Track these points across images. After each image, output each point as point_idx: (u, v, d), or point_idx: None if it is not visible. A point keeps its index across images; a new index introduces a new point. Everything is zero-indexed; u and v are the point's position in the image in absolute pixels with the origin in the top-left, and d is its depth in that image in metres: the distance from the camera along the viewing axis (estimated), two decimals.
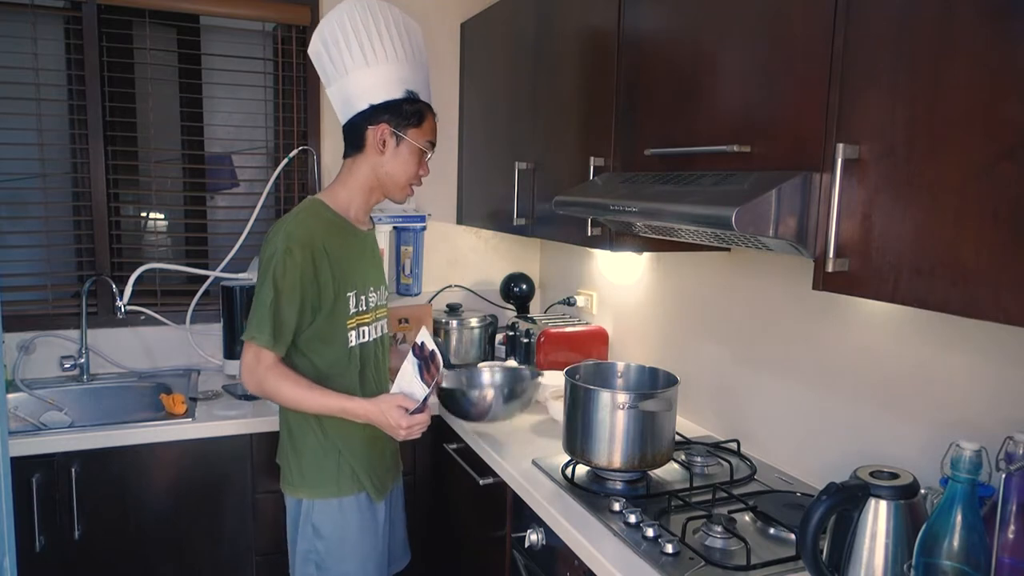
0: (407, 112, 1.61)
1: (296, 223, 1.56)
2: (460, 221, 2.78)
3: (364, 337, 1.66)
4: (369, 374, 1.68)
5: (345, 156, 1.67)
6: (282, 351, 1.55)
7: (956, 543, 0.96)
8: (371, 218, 1.77)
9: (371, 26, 1.61)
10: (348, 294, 1.61)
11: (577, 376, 1.66)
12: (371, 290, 1.69)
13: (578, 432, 1.57)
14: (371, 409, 1.54)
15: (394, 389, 1.58)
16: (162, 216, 2.66)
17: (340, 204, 1.64)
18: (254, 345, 1.52)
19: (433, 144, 1.69)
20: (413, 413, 1.53)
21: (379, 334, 1.73)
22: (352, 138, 1.65)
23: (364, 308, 1.66)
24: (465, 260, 2.85)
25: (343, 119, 1.66)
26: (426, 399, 1.54)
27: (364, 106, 1.61)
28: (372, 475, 1.67)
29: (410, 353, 1.57)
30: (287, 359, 1.58)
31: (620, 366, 1.77)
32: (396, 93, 1.61)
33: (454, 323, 2.52)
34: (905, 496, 1.08)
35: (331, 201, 1.64)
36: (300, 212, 1.60)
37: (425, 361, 1.55)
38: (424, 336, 1.58)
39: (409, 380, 1.55)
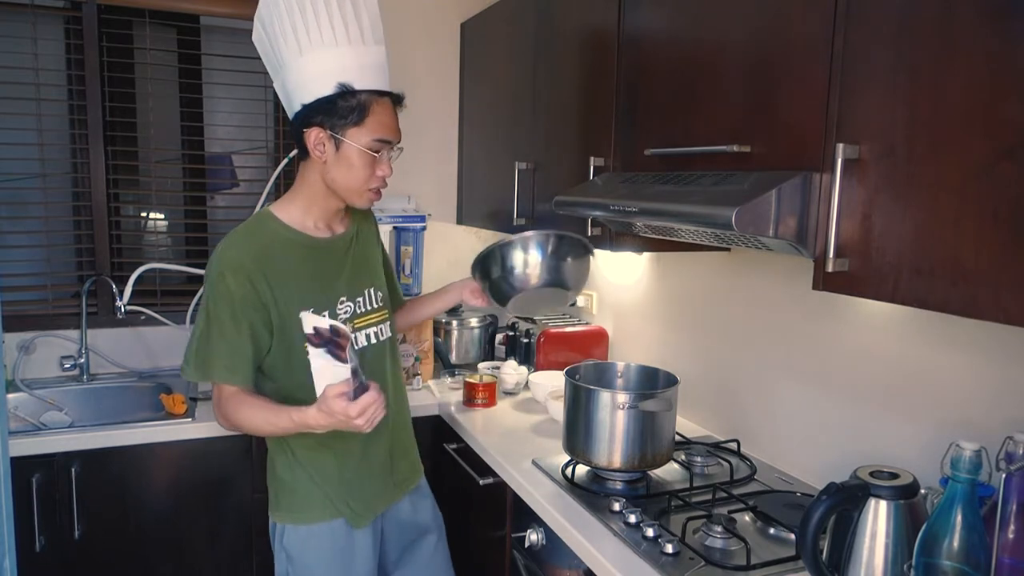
0: (342, 109, 1.38)
1: (228, 244, 1.40)
2: (460, 221, 2.77)
3: None
4: None
5: (299, 159, 1.49)
6: (242, 381, 1.40)
7: (956, 543, 0.96)
8: (352, 219, 1.59)
9: (307, 2, 1.37)
10: (302, 314, 1.35)
11: (577, 376, 1.66)
12: (343, 301, 1.50)
13: (578, 432, 1.57)
14: (317, 414, 1.30)
15: (318, 393, 1.30)
16: (162, 216, 2.66)
17: (294, 215, 1.47)
18: (215, 382, 1.40)
19: (387, 141, 1.43)
20: (356, 397, 1.28)
21: (360, 346, 1.53)
22: (297, 142, 1.46)
23: None
24: (465, 260, 2.81)
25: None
26: (356, 372, 1.29)
27: (297, 107, 1.41)
28: (350, 500, 1.51)
29: (308, 348, 1.27)
30: (256, 384, 1.45)
31: (620, 366, 1.77)
32: (326, 89, 1.38)
33: (454, 323, 2.52)
34: (905, 496, 1.08)
35: (283, 212, 1.47)
36: (239, 229, 1.44)
37: (329, 343, 1.28)
38: (308, 321, 1.26)
39: (322, 371, 1.29)
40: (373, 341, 1.58)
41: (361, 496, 1.54)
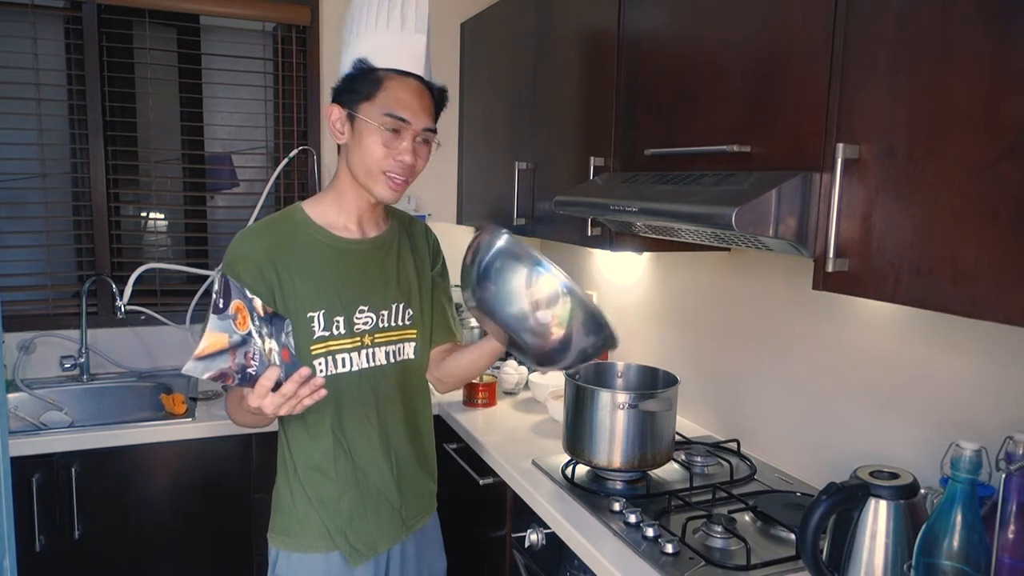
0: (359, 86, 1.35)
1: (242, 235, 1.37)
2: (460, 221, 2.77)
3: (342, 367, 1.37)
4: (356, 413, 1.39)
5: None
6: None
7: (956, 543, 0.96)
8: (400, 230, 1.51)
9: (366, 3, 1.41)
10: (310, 314, 1.34)
11: (577, 376, 1.66)
12: (363, 310, 1.40)
13: (578, 432, 1.57)
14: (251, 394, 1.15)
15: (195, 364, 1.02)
16: (162, 216, 2.67)
17: (322, 211, 1.41)
18: None
19: (399, 118, 1.33)
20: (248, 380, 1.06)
21: (375, 363, 1.42)
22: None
23: (341, 332, 1.37)
24: None
25: None
26: (244, 354, 1.04)
27: (331, 94, 1.41)
28: (349, 532, 1.39)
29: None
30: None
31: (620, 366, 1.77)
32: (347, 69, 1.38)
33: None
34: (905, 496, 1.08)
35: (312, 208, 1.41)
36: (260, 221, 1.42)
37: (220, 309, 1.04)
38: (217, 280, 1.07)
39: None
40: (386, 361, 1.45)
41: (362, 530, 1.41)
